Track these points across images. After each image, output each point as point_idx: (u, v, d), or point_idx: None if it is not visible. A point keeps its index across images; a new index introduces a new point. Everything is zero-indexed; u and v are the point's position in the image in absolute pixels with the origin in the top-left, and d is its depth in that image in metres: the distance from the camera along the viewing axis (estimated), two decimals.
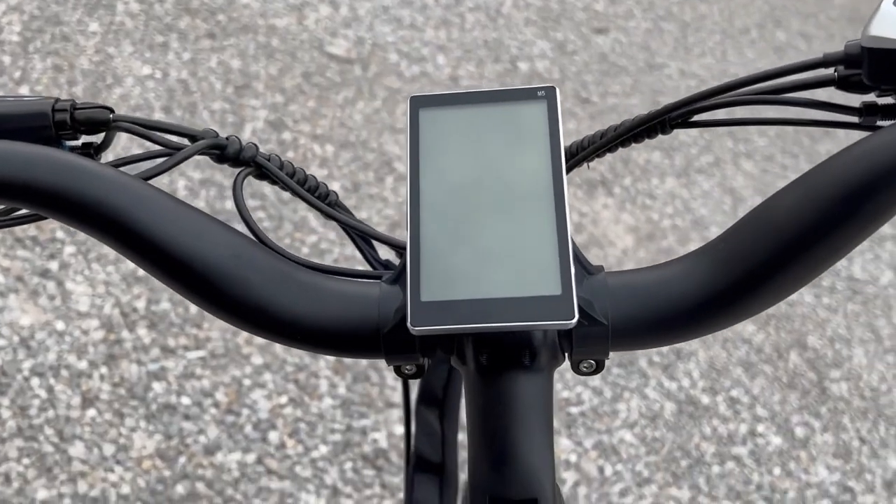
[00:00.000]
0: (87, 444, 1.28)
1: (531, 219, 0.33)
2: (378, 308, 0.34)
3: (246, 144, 0.39)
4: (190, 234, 0.33)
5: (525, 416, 0.33)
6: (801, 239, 0.31)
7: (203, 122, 1.81)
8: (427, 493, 0.53)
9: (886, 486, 1.67)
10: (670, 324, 0.33)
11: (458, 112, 0.36)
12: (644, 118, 0.39)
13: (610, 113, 2.28)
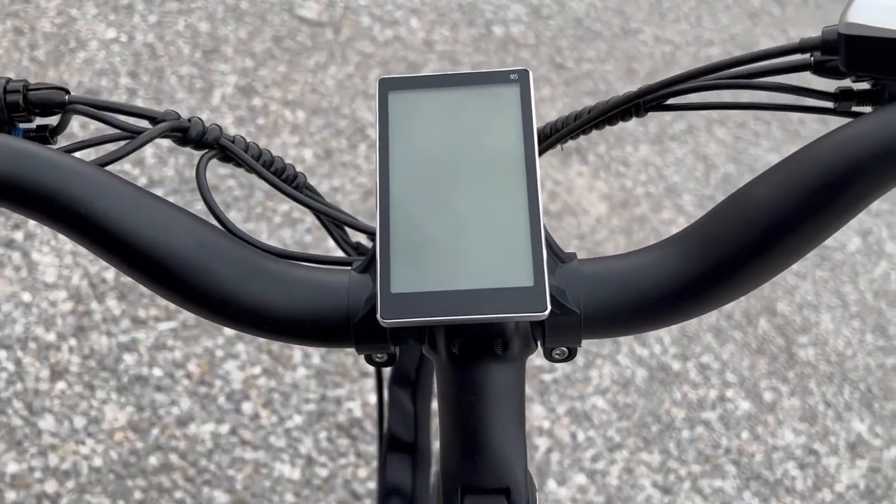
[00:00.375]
0: (57, 417, 1.27)
1: (503, 207, 0.32)
2: (348, 297, 0.33)
3: (209, 126, 0.38)
4: (151, 223, 0.32)
5: (497, 405, 0.33)
6: (778, 227, 0.31)
7: (170, 88, 1.78)
8: (400, 473, 0.53)
9: (850, 449, 1.71)
10: (644, 312, 0.33)
11: (429, 95, 0.35)
12: (618, 101, 0.38)
13: (585, 79, 2.27)
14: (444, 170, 0.33)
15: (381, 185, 0.33)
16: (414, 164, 0.33)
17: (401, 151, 0.34)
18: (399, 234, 0.32)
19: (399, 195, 0.33)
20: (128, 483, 1.24)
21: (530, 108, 0.34)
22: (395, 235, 0.32)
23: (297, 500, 1.29)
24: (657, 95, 0.37)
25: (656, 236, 1.92)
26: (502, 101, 0.34)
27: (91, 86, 1.72)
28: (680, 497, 1.52)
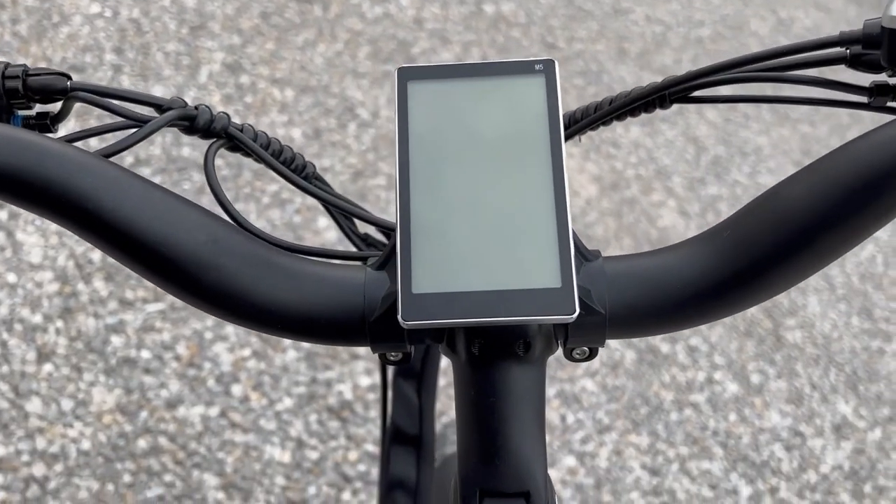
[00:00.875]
0: (44, 400, 1.25)
1: (529, 204, 0.31)
2: (364, 295, 0.32)
3: (217, 114, 0.37)
4: (161, 218, 0.31)
5: (518, 407, 0.32)
6: (813, 228, 0.30)
7: (156, 65, 1.74)
8: (404, 466, 0.52)
9: (835, 430, 1.73)
10: (670, 312, 0.32)
11: (450, 85, 0.33)
12: (644, 92, 0.37)
13: (576, 59, 2.25)
14: (467, 165, 0.32)
15: (400, 180, 0.32)
16: (435, 157, 0.32)
17: (421, 144, 0.32)
18: (420, 231, 0.31)
19: (420, 190, 0.32)
20: (117, 466, 1.23)
21: (556, 101, 0.33)
22: (417, 233, 0.31)
23: (287, 483, 1.29)
24: (684, 87, 0.36)
25: (646, 219, 1.92)
26: (527, 93, 0.33)
27: (75, 62, 1.68)
28: (668, 479, 1.53)
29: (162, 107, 0.35)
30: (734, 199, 2.07)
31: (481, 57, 2.13)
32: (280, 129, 1.74)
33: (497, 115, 0.33)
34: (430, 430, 0.53)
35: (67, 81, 0.35)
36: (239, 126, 0.37)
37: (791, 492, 1.59)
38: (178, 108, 0.35)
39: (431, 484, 0.52)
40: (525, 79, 0.33)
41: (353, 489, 1.31)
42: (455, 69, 0.33)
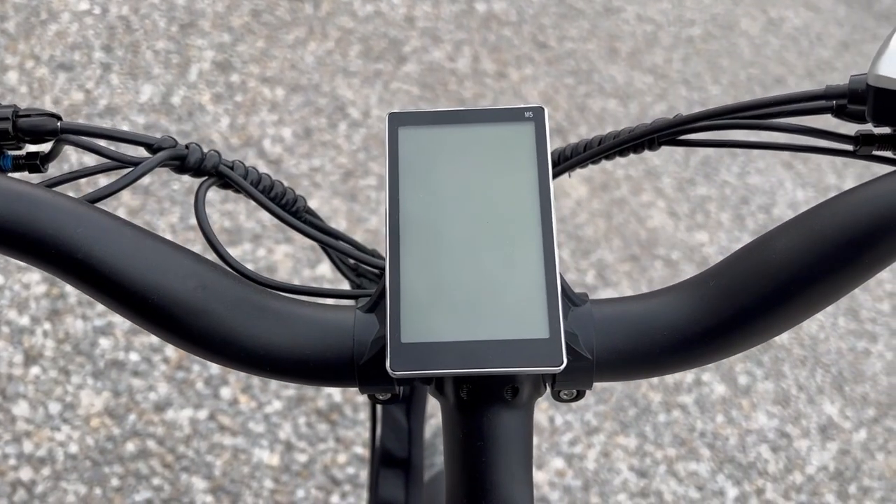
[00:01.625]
0: (31, 403, 1.25)
1: (517, 252, 0.31)
2: (353, 339, 0.32)
3: (208, 153, 0.37)
4: (151, 266, 0.31)
5: (505, 450, 0.32)
6: (797, 281, 0.30)
7: (146, 64, 1.73)
8: (393, 488, 0.52)
9: (821, 431, 1.74)
10: (656, 358, 0.32)
11: (441, 132, 0.33)
12: (633, 135, 0.37)
13: (567, 58, 2.25)
14: (456, 212, 0.32)
15: (390, 223, 0.32)
16: (425, 204, 0.32)
17: (411, 191, 0.32)
18: (410, 279, 0.31)
19: (410, 235, 0.32)
20: (105, 470, 1.22)
21: (545, 148, 0.33)
22: (406, 280, 0.31)
23: (276, 486, 1.29)
24: (673, 131, 0.36)
25: (636, 219, 1.93)
26: (517, 141, 0.33)
27: (63, 60, 1.67)
28: (655, 480, 1.54)
29: (153, 146, 0.35)
30: (723, 200, 2.08)
31: (472, 56, 2.13)
32: (270, 129, 1.74)
33: (487, 162, 0.33)
34: (419, 453, 0.54)
35: (57, 122, 0.35)
36: (229, 163, 0.37)
37: (777, 493, 1.61)
38: (169, 147, 0.35)
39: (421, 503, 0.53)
40: (515, 126, 0.33)
41: (342, 492, 1.32)
42: (446, 115, 0.34)
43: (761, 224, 2.07)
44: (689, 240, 1.95)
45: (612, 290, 1.78)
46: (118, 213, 1.49)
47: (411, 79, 1.99)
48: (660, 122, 0.37)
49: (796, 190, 2.20)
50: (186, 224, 1.52)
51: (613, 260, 1.83)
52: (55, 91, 1.61)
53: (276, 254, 1.53)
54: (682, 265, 1.89)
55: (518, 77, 2.14)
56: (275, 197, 0.39)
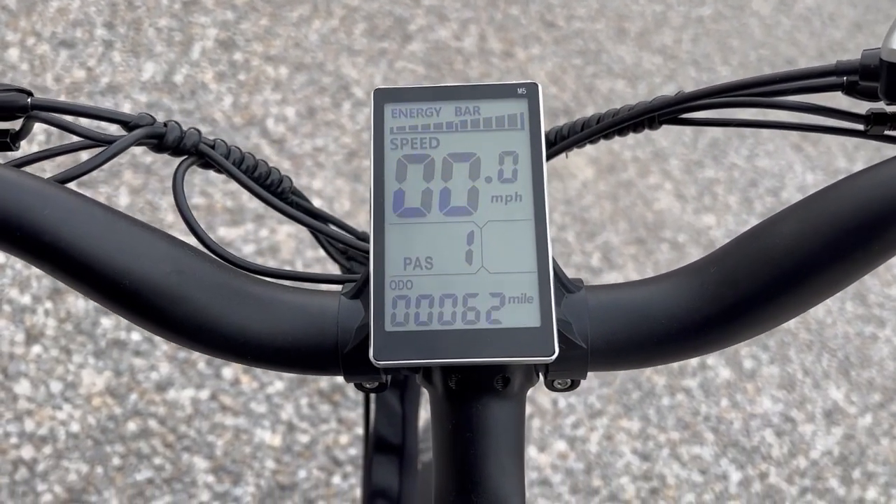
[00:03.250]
0: (33, 382, 1.25)
1: (508, 235, 0.30)
2: (337, 326, 0.31)
3: (187, 131, 0.35)
4: (124, 249, 0.29)
5: (496, 442, 0.31)
6: (801, 269, 0.28)
7: (148, 41, 1.71)
8: (386, 475, 0.51)
9: (826, 416, 1.73)
10: (653, 347, 0.31)
11: (429, 108, 0.32)
12: (632, 113, 0.36)
13: (575, 38, 2.22)
14: (445, 192, 0.31)
15: (375, 206, 0.31)
16: (411, 185, 0.31)
17: (397, 170, 0.31)
18: (394, 265, 0.30)
19: (394, 219, 0.31)
20: (106, 449, 1.23)
21: (539, 127, 0.31)
22: (390, 266, 0.30)
23: (277, 467, 1.29)
24: (674, 109, 0.34)
25: (643, 202, 1.91)
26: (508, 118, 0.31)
27: (65, 37, 1.65)
28: (658, 464, 1.53)
29: (129, 123, 0.34)
30: (731, 183, 2.05)
31: (479, 35, 2.10)
32: (274, 108, 1.72)
33: (477, 140, 0.31)
34: (414, 439, 0.53)
35: (28, 98, 0.33)
36: (210, 142, 0.36)
37: (780, 477, 1.60)
38: (146, 125, 0.34)
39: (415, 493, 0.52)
40: (507, 102, 0.32)
41: (344, 473, 1.31)
42: (434, 91, 0.32)
43: (769, 207, 2.05)
44: (697, 223, 1.93)
45: (618, 273, 1.76)
46: (119, 193, 1.48)
47: (417, 58, 1.97)
48: (660, 99, 0.35)
49: (805, 173, 2.17)
50: (191, 202, 1.51)
51: (619, 242, 1.82)
52: (56, 69, 1.60)
53: (278, 234, 1.53)
54: (688, 248, 1.87)
55: (525, 56, 2.12)
56: (259, 177, 0.38)
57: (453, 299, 0.29)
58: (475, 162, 0.31)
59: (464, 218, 0.30)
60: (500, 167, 0.31)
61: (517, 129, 0.31)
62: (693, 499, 1.51)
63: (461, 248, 0.30)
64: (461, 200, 0.31)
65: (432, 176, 0.31)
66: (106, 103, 1.59)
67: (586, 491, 1.45)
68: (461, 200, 0.31)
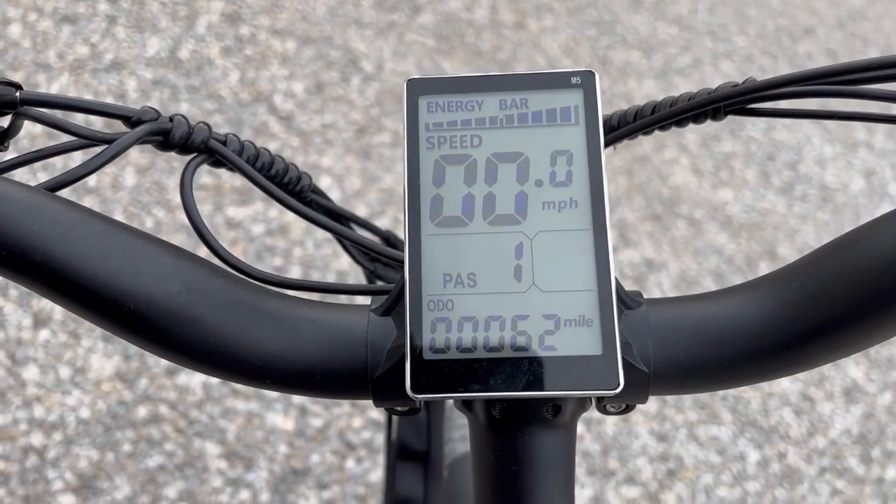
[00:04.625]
0: (41, 367, 1.23)
1: (563, 248, 0.26)
2: (367, 347, 0.28)
3: (196, 126, 0.31)
4: (126, 268, 0.26)
5: (544, 477, 0.28)
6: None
7: (152, 16, 1.67)
8: (410, 483, 0.48)
9: (845, 394, 1.71)
10: (723, 371, 0.27)
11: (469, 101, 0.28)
12: (695, 103, 0.32)
13: (588, 8, 2.16)
14: (489, 198, 0.27)
15: (409, 215, 0.27)
16: (451, 188, 0.27)
17: (435, 172, 0.27)
18: (432, 281, 0.26)
19: (432, 228, 0.27)
20: (116, 435, 1.21)
21: (597, 121, 0.27)
22: (428, 282, 0.26)
23: (290, 451, 1.27)
24: (743, 99, 0.31)
25: (658, 177, 1.87)
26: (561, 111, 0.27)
27: (67, 12, 1.61)
28: (675, 445, 1.51)
29: (131, 119, 0.30)
30: (748, 157, 2.01)
31: (490, 6, 2.05)
32: (281, 84, 1.68)
33: (525, 137, 0.27)
34: (439, 446, 0.50)
35: (17, 93, 0.29)
36: (222, 138, 0.32)
37: (799, 457, 1.58)
38: (150, 120, 0.30)
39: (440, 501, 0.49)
40: (559, 94, 0.28)
41: (358, 457, 1.30)
42: (476, 82, 0.28)
43: (786, 181, 2.01)
44: (713, 198, 1.89)
45: (633, 250, 1.73)
46: (125, 174, 1.45)
47: (427, 30, 1.92)
48: (726, 88, 0.31)
49: (824, 146, 2.13)
50: (198, 184, 1.48)
51: (635, 219, 1.78)
52: (59, 45, 1.56)
53: (288, 214, 1.49)
54: (705, 224, 1.83)
55: (538, 28, 2.06)
56: (275, 175, 0.34)
57: (500, 322, 0.26)
58: (523, 163, 0.27)
59: (511, 228, 0.27)
60: (552, 168, 0.27)
61: (571, 125, 0.27)
62: (711, 479, 1.49)
63: (509, 262, 0.26)
64: (508, 207, 0.27)
65: (474, 179, 0.27)
66: (110, 80, 1.55)
67: (603, 473, 1.43)
68: (508, 207, 0.27)
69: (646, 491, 1.44)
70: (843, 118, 0.30)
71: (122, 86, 1.55)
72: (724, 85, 0.32)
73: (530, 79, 0.28)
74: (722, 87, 0.32)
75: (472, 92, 0.28)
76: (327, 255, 1.47)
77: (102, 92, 1.53)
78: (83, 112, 0.29)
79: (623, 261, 1.71)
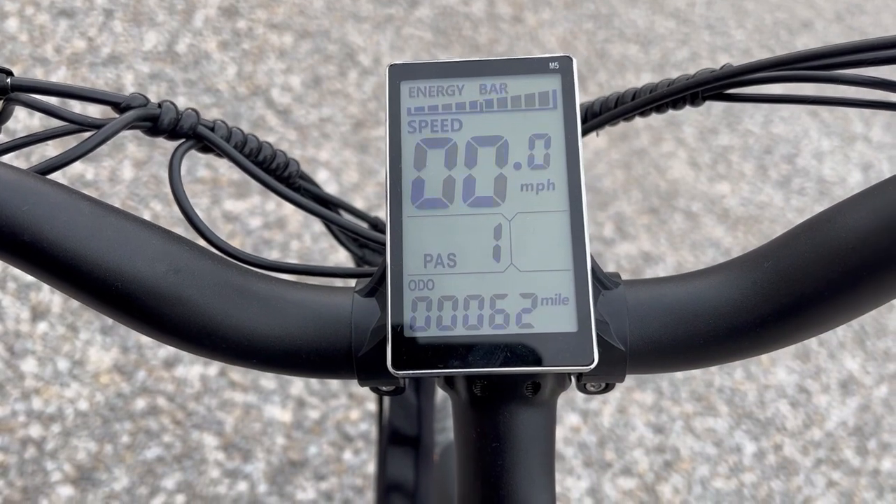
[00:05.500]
0: (39, 360, 1.23)
1: (540, 229, 0.27)
2: (351, 327, 0.28)
3: (184, 112, 0.32)
4: (114, 248, 0.26)
5: (525, 453, 0.28)
6: (868, 266, 0.25)
7: (149, 10, 1.67)
8: (402, 467, 0.49)
9: (841, 387, 1.71)
10: (698, 349, 0.28)
11: (450, 86, 0.28)
12: (673, 89, 0.32)
13: (586, 2, 2.16)
14: (469, 181, 0.28)
15: (391, 197, 0.28)
16: (432, 171, 0.28)
17: (416, 156, 0.28)
18: (413, 262, 0.27)
19: (413, 210, 0.28)
20: (115, 427, 1.21)
21: (574, 105, 0.28)
22: (409, 263, 0.27)
23: (288, 443, 1.28)
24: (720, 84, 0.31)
25: (656, 170, 1.87)
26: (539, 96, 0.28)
27: (65, 6, 1.62)
28: (672, 436, 1.52)
29: (119, 105, 0.30)
30: (746, 150, 2.01)
31: None
32: (278, 77, 1.68)
33: (504, 121, 0.28)
34: (430, 431, 0.50)
35: (7, 79, 0.30)
36: (210, 124, 0.32)
37: (795, 448, 1.58)
38: (139, 106, 0.30)
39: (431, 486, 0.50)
40: (538, 79, 0.28)
41: (355, 448, 1.30)
42: (456, 67, 0.29)
43: (784, 174, 2.01)
44: (711, 191, 1.89)
45: (630, 243, 1.73)
46: (122, 168, 1.45)
47: (424, 24, 1.92)
48: (704, 73, 0.32)
49: (822, 139, 2.13)
50: (195, 177, 1.48)
51: (632, 212, 1.78)
52: (56, 39, 1.56)
53: (285, 207, 1.50)
54: (702, 217, 1.84)
55: (535, 21, 2.06)
56: (263, 161, 0.35)
57: (479, 301, 0.26)
58: (502, 146, 0.28)
59: (490, 210, 0.27)
60: (530, 152, 0.28)
61: (549, 109, 0.28)
62: (707, 471, 1.49)
63: (487, 243, 0.27)
64: (487, 190, 0.28)
65: (455, 162, 0.28)
66: (108, 74, 1.56)
67: (599, 464, 1.44)
68: (487, 190, 0.28)
69: (642, 482, 1.45)
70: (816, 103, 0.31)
71: (119, 80, 1.55)
72: (702, 71, 0.32)
73: (509, 64, 0.29)
74: (700, 73, 0.32)
75: (452, 77, 0.29)
76: (325, 248, 1.47)
77: (100, 86, 1.53)
78: (73, 98, 0.30)
79: (620, 254, 1.72)
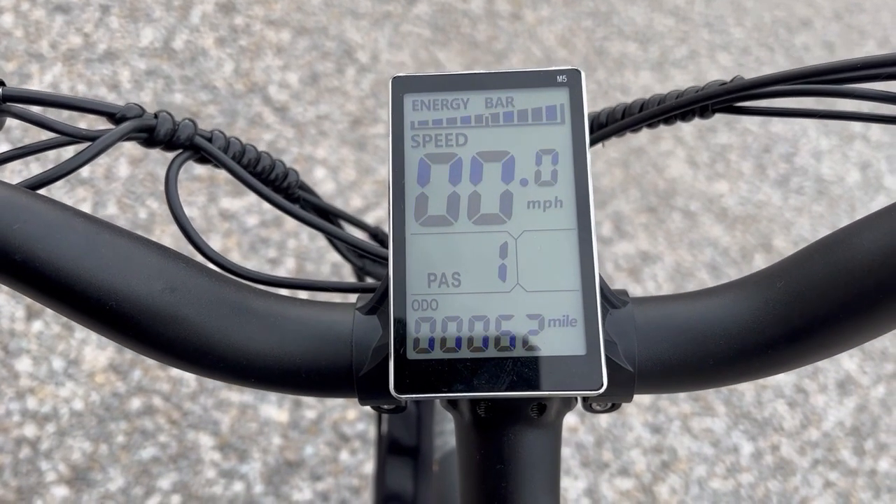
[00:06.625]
0: (34, 359, 1.22)
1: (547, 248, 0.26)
2: (352, 345, 0.28)
3: (181, 122, 0.31)
4: (108, 267, 0.26)
5: (529, 476, 0.28)
6: (884, 289, 0.25)
7: (146, 6, 1.66)
8: (400, 478, 0.48)
9: (839, 387, 1.71)
10: (707, 370, 0.27)
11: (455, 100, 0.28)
12: (682, 101, 0.32)
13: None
14: (474, 197, 0.27)
15: (394, 214, 0.27)
16: (436, 187, 0.27)
17: (420, 171, 0.27)
18: (416, 281, 0.26)
19: (416, 227, 0.27)
20: (110, 426, 1.21)
21: (582, 120, 0.27)
22: (412, 282, 0.26)
23: (284, 443, 1.27)
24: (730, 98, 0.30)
25: (654, 169, 1.87)
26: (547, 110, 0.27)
27: (60, 1, 1.60)
28: (669, 437, 1.51)
29: (115, 115, 0.30)
30: (744, 149, 2.01)
31: None
32: (276, 74, 1.67)
33: (510, 136, 0.27)
34: (429, 441, 0.50)
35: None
36: (207, 134, 0.32)
37: (792, 449, 1.58)
38: (135, 117, 0.30)
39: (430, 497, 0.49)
40: (545, 93, 0.27)
41: (351, 449, 1.30)
42: (461, 80, 0.28)
43: (782, 173, 2.01)
44: (709, 190, 1.89)
45: (628, 242, 1.73)
46: (118, 165, 1.44)
47: (422, 21, 1.91)
48: (714, 87, 0.31)
49: (820, 138, 2.12)
50: (192, 175, 1.47)
51: (630, 211, 1.78)
52: (52, 35, 1.55)
53: None
54: (700, 216, 1.83)
55: (534, 19, 2.06)
56: (262, 172, 0.34)
57: (485, 322, 0.26)
58: (508, 162, 0.27)
59: (496, 227, 0.27)
60: (537, 168, 0.27)
61: (557, 124, 0.27)
62: (704, 471, 1.49)
63: (493, 262, 0.26)
64: (493, 207, 0.27)
65: (459, 178, 0.27)
66: (104, 70, 1.54)
67: (596, 464, 1.43)
68: (493, 207, 0.27)
69: (639, 483, 1.45)
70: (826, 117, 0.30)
71: (115, 76, 1.54)
72: (711, 83, 0.32)
73: (516, 77, 0.28)
74: (709, 86, 0.32)
75: (457, 90, 0.28)
76: (322, 246, 1.46)
77: (96, 82, 1.52)
78: (67, 109, 0.29)
79: (618, 253, 1.71)
